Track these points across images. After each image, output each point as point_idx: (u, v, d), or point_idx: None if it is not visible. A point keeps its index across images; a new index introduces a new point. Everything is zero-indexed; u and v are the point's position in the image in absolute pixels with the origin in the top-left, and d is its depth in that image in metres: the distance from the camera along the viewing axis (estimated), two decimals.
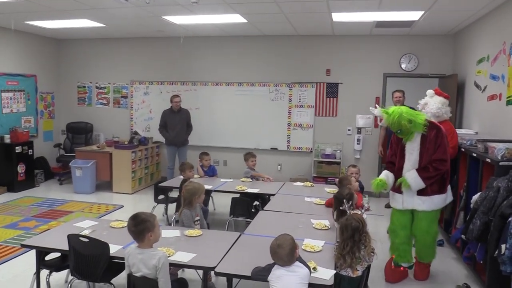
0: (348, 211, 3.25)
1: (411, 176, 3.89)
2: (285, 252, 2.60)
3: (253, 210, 4.98)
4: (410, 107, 4.25)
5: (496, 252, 3.31)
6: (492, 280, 3.68)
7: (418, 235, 4.06)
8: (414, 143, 3.91)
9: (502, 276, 3.35)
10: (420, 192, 3.94)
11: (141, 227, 2.80)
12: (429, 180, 3.87)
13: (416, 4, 5.33)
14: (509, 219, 3.22)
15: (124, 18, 6.62)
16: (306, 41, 7.79)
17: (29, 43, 8.25)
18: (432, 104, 4.58)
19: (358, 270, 2.90)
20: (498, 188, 3.54)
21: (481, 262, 3.87)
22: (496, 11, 5.32)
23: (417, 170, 3.90)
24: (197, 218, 3.97)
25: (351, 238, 2.88)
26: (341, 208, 3.43)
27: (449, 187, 4.09)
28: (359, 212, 3.25)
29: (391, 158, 4.18)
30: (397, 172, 4.05)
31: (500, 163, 3.70)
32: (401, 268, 4.18)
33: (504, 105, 4.84)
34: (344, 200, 3.40)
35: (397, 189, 4.06)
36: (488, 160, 3.92)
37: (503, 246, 3.22)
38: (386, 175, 4.11)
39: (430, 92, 4.62)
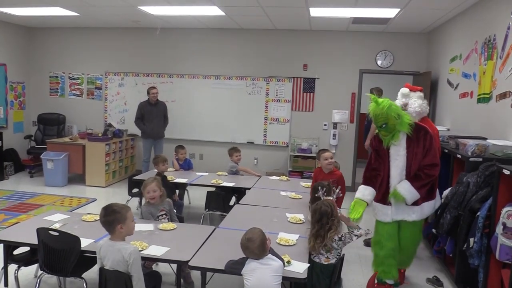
0: (322, 197, 3.30)
1: (404, 187, 3.46)
2: (256, 245, 2.60)
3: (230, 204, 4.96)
4: None
5: (465, 246, 3.41)
6: (461, 273, 3.80)
7: (403, 244, 3.69)
8: (399, 146, 3.50)
9: (470, 269, 3.45)
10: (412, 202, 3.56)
11: (110, 218, 2.75)
12: (424, 188, 3.51)
13: (392, 2, 5.40)
14: (478, 213, 3.32)
15: (98, 7, 6.44)
16: (283, 36, 7.79)
17: None
18: (413, 102, 4.02)
19: (329, 258, 2.99)
20: (468, 184, 3.64)
21: (451, 255, 3.98)
22: (469, 10, 5.43)
23: (408, 180, 3.49)
24: (161, 213, 3.90)
25: (318, 222, 2.99)
26: (316, 195, 3.47)
27: (437, 191, 3.80)
28: (331, 198, 3.32)
29: (375, 164, 3.65)
30: (384, 181, 3.60)
31: (470, 159, 3.79)
32: (386, 285, 3.72)
33: (475, 103, 4.96)
34: (318, 187, 3.44)
35: (382, 200, 3.62)
36: (459, 156, 4.01)
37: (471, 240, 3.32)
38: (363, 194, 3.57)
39: (405, 91, 4.04)
